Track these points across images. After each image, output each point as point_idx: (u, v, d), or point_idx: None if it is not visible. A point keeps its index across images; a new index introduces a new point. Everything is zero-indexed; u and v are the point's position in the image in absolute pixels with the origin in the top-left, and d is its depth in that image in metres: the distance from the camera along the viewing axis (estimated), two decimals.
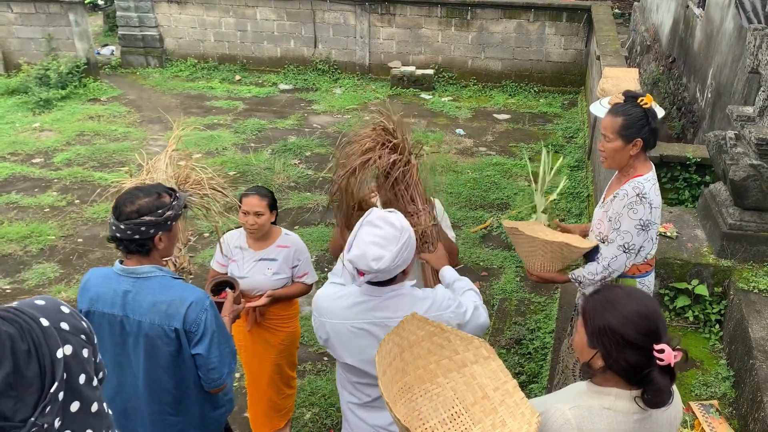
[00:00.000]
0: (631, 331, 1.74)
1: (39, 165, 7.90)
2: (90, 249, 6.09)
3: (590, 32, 10.08)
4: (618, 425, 1.79)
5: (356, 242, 2.14)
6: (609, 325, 1.77)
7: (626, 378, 1.78)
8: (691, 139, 6.96)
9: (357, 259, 2.12)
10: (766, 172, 3.77)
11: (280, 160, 7.90)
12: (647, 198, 2.86)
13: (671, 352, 1.70)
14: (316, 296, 2.37)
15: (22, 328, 1.56)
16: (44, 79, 9.85)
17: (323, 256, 5.99)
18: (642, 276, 3.06)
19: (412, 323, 1.98)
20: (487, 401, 1.88)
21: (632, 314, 1.76)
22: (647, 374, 1.72)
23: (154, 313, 2.36)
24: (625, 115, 2.88)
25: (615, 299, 1.81)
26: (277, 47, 11.39)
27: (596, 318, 1.81)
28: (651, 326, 1.74)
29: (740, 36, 5.80)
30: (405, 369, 1.94)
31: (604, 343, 1.78)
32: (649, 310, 1.77)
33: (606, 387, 1.82)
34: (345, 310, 2.26)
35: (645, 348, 1.72)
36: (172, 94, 10.49)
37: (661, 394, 1.73)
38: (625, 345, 1.74)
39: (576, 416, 1.78)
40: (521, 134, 9.03)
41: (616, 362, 1.77)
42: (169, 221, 2.34)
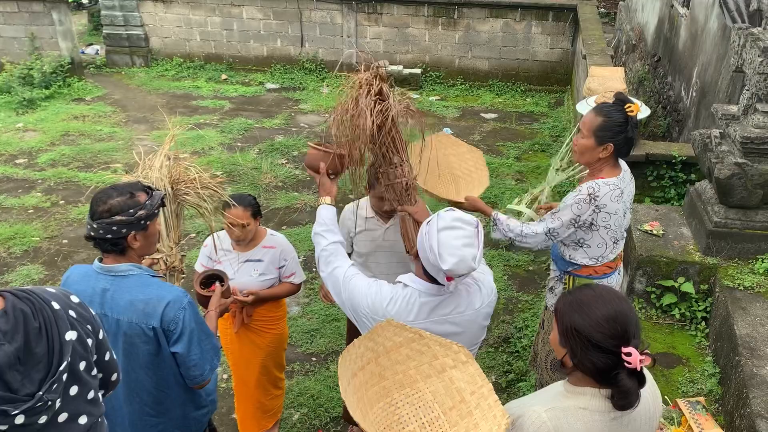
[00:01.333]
0: (596, 333, 1.75)
1: (23, 165, 7.81)
2: (75, 250, 6.03)
3: (576, 31, 10.13)
4: (594, 424, 1.80)
5: (446, 251, 2.09)
6: (575, 326, 1.79)
7: (594, 378, 1.80)
8: (676, 138, 7.01)
9: (457, 266, 2.09)
10: (750, 170, 3.80)
11: (267, 160, 7.87)
12: (597, 200, 2.87)
13: (638, 355, 1.71)
14: (362, 296, 2.31)
15: (35, 307, 1.63)
16: (28, 78, 9.74)
17: (311, 257, 5.96)
18: (600, 277, 3.08)
19: (387, 330, 2.01)
20: (464, 405, 1.91)
21: (599, 317, 1.77)
22: (615, 376, 1.73)
23: (132, 311, 2.34)
24: (606, 117, 2.87)
25: (585, 301, 1.82)
26: (264, 46, 11.34)
27: (565, 317, 1.83)
28: (618, 330, 1.75)
29: (724, 35, 5.85)
30: (382, 374, 1.97)
31: (571, 343, 1.80)
32: (618, 314, 1.77)
33: (581, 387, 1.83)
34: (414, 314, 2.23)
35: (612, 351, 1.73)
36: (157, 94, 10.42)
37: (627, 396, 1.73)
38: (591, 347, 1.76)
39: (552, 418, 1.79)
40: (508, 133, 9.05)
41: (582, 363, 1.79)
42: (142, 220, 2.32)
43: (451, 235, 2.11)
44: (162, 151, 2.82)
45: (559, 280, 3.23)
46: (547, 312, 3.34)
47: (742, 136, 3.79)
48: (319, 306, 5.17)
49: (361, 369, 1.98)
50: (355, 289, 2.34)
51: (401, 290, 2.27)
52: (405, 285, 2.29)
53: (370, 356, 2.00)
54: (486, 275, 2.43)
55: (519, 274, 5.68)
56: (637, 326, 1.80)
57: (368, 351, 2.01)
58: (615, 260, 3.09)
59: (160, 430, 2.56)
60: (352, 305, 2.34)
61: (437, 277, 2.17)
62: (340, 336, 4.81)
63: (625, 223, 3.08)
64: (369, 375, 1.97)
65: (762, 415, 2.97)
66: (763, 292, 3.78)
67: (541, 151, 8.38)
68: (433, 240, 2.12)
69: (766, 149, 3.78)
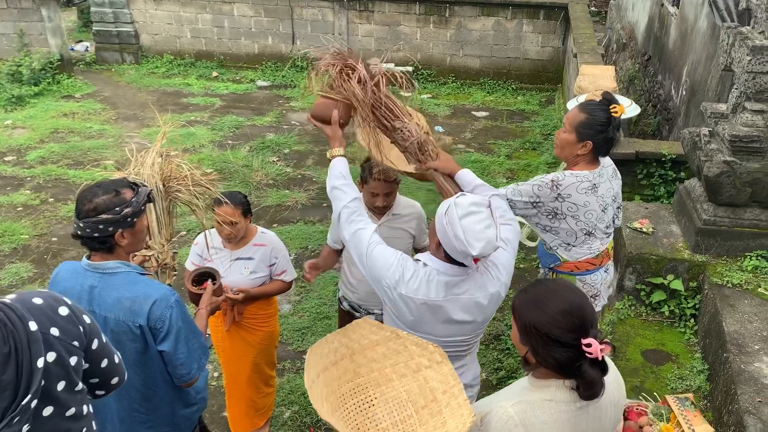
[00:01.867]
0: (555, 329, 1.77)
1: (11, 163, 7.76)
2: (64, 248, 6.00)
3: (567, 30, 10.16)
4: (561, 415, 1.83)
5: (472, 236, 2.13)
6: (534, 324, 1.81)
7: (559, 372, 1.82)
8: (666, 136, 7.05)
9: (485, 249, 2.15)
10: (739, 168, 3.83)
11: (258, 158, 7.85)
12: (560, 189, 2.89)
13: (598, 345, 1.74)
14: (386, 266, 2.32)
15: (6, 330, 1.53)
16: (16, 75, 9.66)
17: (302, 254, 5.96)
18: (582, 274, 3.10)
19: (364, 327, 2.05)
20: (435, 404, 1.95)
21: (556, 312, 1.79)
22: (578, 368, 1.76)
23: (119, 309, 2.33)
24: (589, 115, 2.90)
25: (541, 297, 1.84)
26: (255, 43, 11.30)
27: (523, 315, 1.85)
28: (576, 322, 1.77)
29: (714, 34, 5.88)
30: (357, 371, 2.00)
31: (531, 341, 1.83)
32: (573, 307, 1.80)
33: (546, 380, 1.86)
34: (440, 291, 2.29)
35: (572, 344, 1.76)
36: (148, 91, 10.37)
37: (592, 386, 1.77)
38: (551, 342, 1.78)
39: (519, 412, 1.81)
40: (499, 131, 9.07)
41: (544, 359, 1.81)
42: (129, 218, 2.30)
43: (473, 220, 2.15)
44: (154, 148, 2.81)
45: (544, 277, 3.26)
46: None
47: (731, 135, 3.81)
48: (311, 304, 5.17)
49: (335, 364, 2.00)
50: (379, 258, 2.34)
51: (422, 268, 2.31)
52: (425, 264, 2.33)
53: (344, 352, 2.03)
54: (503, 251, 2.42)
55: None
56: (594, 316, 1.83)
57: (343, 347, 2.04)
58: (598, 257, 3.09)
59: (150, 427, 2.55)
60: (374, 275, 2.35)
61: (465, 261, 2.22)
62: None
63: (607, 218, 3.07)
64: (343, 371, 2.00)
65: (750, 411, 3.00)
66: (751, 289, 3.81)
67: (532, 149, 8.40)
68: (457, 229, 2.15)
69: (755, 147, 3.81)
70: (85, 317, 1.81)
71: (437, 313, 2.31)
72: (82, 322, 1.77)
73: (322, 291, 5.36)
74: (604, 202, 3.02)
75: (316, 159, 8.03)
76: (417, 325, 2.34)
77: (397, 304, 2.32)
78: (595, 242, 3.06)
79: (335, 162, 2.56)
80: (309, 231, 6.33)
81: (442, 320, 2.33)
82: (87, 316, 1.82)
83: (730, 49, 3.93)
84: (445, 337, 2.37)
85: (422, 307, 2.29)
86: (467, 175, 2.69)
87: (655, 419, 3.10)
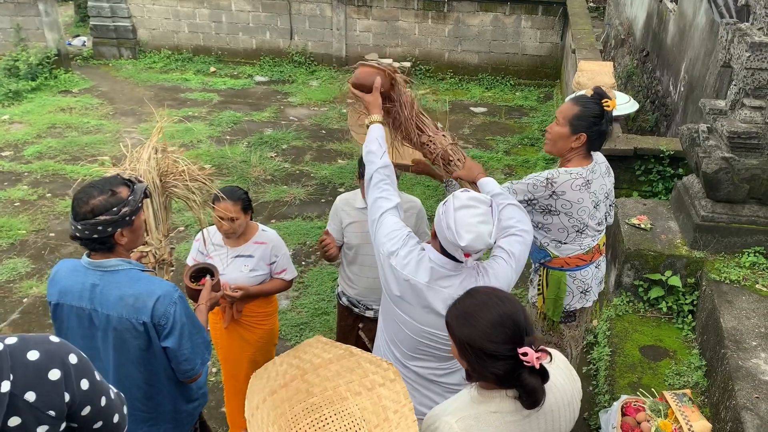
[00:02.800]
0: (488, 343, 1.73)
1: (8, 158, 7.73)
2: (62, 243, 5.98)
3: (566, 26, 10.15)
4: (507, 426, 1.78)
5: (462, 228, 2.18)
6: (467, 340, 1.77)
7: (499, 384, 1.78)
8: (664, 132, 7.05)
9: (474, 241, 2.18)
10: (737, 164, 3.83)
11: (257, 153, 7.84)
12: (555, 186, 2.90)
13: (534, 354, 1.69)
14: (386, 236, 2.39)
15: None
16: (13, 70, 9.62)
17: (300, 250, 5.96)
18: (573, 269, 3.10)
19: (316, 346, 2.06)
20: (387, 423, 1.91)
21: (487, 326, 1.75)
22: (517, 377, 1.72)
23: (122, 306, 2.32)
24: (583, 107, 2.91)
25: (470, 312, 1.80)
26: (253, 39, 11.27)
27: (456, 332, 1.81)
28: (508, 333, 1.73)
29: (712, 30, 5.88)
30: (310, 390, 1.97)
31: (467, 357, 1.79)
32: (504, 317, 1.75)
33: (490, 391, 1.81)
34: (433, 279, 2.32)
35: (508, 355, 1.72)
36: (145, 86, 10.33)
37: (533, 394, 1.72)
38: (486, 357, 1.74)
39: (463, 428, 1.77)
40: (498, 127, 9.07)
41: (482, 374, 1.77)
42: (126, 217, 2.29)
43: (467, 213, 2.20)
44: (150, 143, 2.80)
45: (535, 272, 3.26)
46: (528, 305, 3.37)
47: (729, 131, 3.81)
48: (309, 300, 5.17)
49: (284, 386, 1.99)
50: (385, 226, 2.40)
51: (419, 251, 2.36)
52: (423, 248, 2.38)
53: (294, 373, 2.02)
54: (506, 266, 2.41)
55: None
56: (528, 322, 1.78)
57: (292, 368, 2.04)
58: (588, 253, 3.10)
59: (152, 424, 2.55)
60: (376, 240, 2.42)
61: (455, 254, 2.25)
62: (330, 329, 4.81)
63: (598, 215, 3.07)
64: (294, 391, 1.97)
65: (747, 407, 3.01)
66: (748, 285, 3.82)
67: (530, 145, 8.40)
68: (450, 219, 2.21)
69: (753, 144, 3.81)
70: (84, 382, 1.66)
71: (419, 296, 2.33)
72: (73, 389, 1.62)
73: (320, 287, 5.36)
74: (597, 199, 3.03)
75: (314, 155, 8.02)
76: (400, 303, 2.39)
77: (386, 273, 2.38)
78: (586, 239, 3.07)
79: (373, 128, 2.65)
80: (307, 227, 6.33)
81: (422, 305, 2.34)
82: (87, 379, 1.68)
83: (729, 45, 3.93)
84: (425, 326, 2.38)
85: (405, 284, 2.33)
86: (488, 184, 2.71)
87: (652, 415, 3.11)
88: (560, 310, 3.17)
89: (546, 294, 3.16)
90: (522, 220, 2.52)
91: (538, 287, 3.22)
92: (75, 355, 1.67)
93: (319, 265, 5.73)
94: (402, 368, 2.51)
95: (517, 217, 2.53)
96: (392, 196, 2.48)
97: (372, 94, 2.67)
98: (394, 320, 2.48)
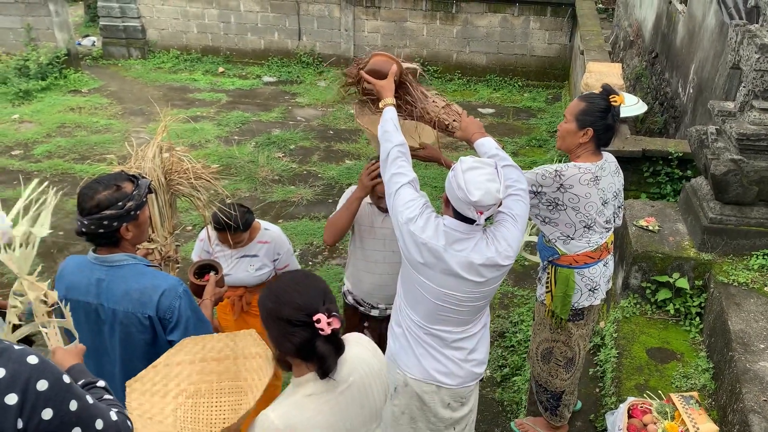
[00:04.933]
0: (285, 308, 1.80)
1: (18, 157, 7.79)
2: (71, 242, 6.02)
3: (574, 27, 10.12)
4: (323, 406, 1.84)
5: (472, 185, 2.32)
6: (269, 311, 1.84)
7: (299, 356, 1.84)
8: (673, 134, 7.02)
9: (484, 197, 2.32)
10: (746, 166, 3.81)
11: (264, 153, 7.86)
12: (563, 179, 2.92)
13: (326, 319, 1.76)
14: (403, 205, 2.49)
15: None
16: (24, 69, 9.70)
17: (307, 250, 5.97)
18: (581, 267, 3.10)
19: (248, 339, 2.15)
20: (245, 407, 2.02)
21: (284, 292, 1.83)
22: (313, 346, 1.79)
23: (128, 301, 2.34)
24: (588, 103, 2.96)
25: (274, 286, 1.89)
26: (261, 39, 11.31)
27: (261, 309, 1.88)
28: (305, 300, 1.80)
29: (722, 32, 5.85)
30: (238, 374, 2.10)
31: (271, 331, 1.85)
32: (301, 285, 1.84)
33: (302, 376, 1.87)
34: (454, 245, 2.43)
35: (303, 322, 1.78)
36: (154, 86, 10.39)
37: (324, 361, 1.80)
38: (285, 323, 1.80)
39: (280, 416, 1.81)
40: (505, 129, 9.06)
41: (283, 345, 1.83)
42: (131, 211, 2.31)
43: (475, 173, 2.35)
44: (155, 141, 2.82)
45: (543, 270, 3.27)
46: (537, 303, 3.37)
47: (738, 133, 3.79)
48: None
49: (217, 360, 2.10)
50: (403, 196, 2.51)
51: (436, 218, 2.49)
52: (437, 216, 2.50)
53: (228, 353, 2.13)
54: (512, 227, 2.52)
55: (515, 269, 5.69)
56: (326, 294, 1.85)
57: (227, 348, 2.14)
58: (597, 251, 3.10)
59: None
60: (394, 210, 2.52)
61: (468, 213, 2.37)
62: None
63: (607, 213, 3.08)
64: (225, 369, 2.10)
65: (755, 410, 2.99)
66: (757, 288, 3.80)
67: (539, 146, 8.39)
68: (460, 179, 2.35)
69: (762, 146, 3.79)
70: (47, 412, 1.52)
71: (438, 259, 2.43)
72: (29, 417, 1.50)
73: None
74: (605, 196, 3.04)
75: (322, 155, 8.04)
76: (421, 269, 2.48)
77: (406, 241, 2.48)
78: (594, 236, 3.07)
79: (387, 110, 2.75)
80: (314, 227, 6.34)
81: (441, 269, 2.45)
82: (56, 409, 1.54)
83: (739, 47, 3.91)
84: (445, 288, 2.49)
85: (424, 248, 2.43)
86: (484, 145, 2.78)
87: (659, 417, 3.10)
88: (568, 308, 3.16)
89: (554, 292, 3.17)
90: (519, 180, 2.65)
91: (546, 285, 3.22)
92: (48, 381, 1.53)
93: (326, 266, 5.74)
94: (422, 332, 2.62)
95: (515, 177, 2.65)
96: (408, 171, 2.58)
97: (387, 80, 2.80)
98: (414, 286, 2.57)
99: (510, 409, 4.20)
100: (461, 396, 2.74)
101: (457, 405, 2.75)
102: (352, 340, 2.03)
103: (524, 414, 3.94)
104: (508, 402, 4.25)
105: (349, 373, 1.90)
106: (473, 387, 2.78)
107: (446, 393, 2.69)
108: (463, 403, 2.77)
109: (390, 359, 2.72)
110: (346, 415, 1.89)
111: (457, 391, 2.71)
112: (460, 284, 2.47)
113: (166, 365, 2.08)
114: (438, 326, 2.60)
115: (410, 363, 2.67)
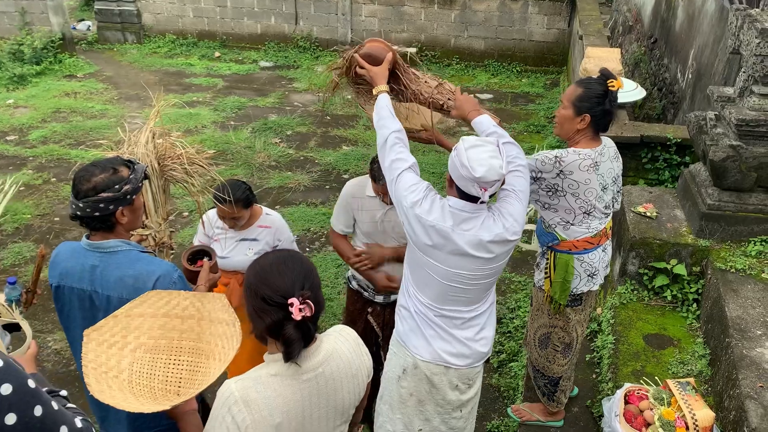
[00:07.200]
0: (264, 287, 1.82)
1: (13, 142, 7.74)
2: (67, 228, 6.00)
3: (573, 12, 10.05)
4: (286, 388, 1.85)
5: (475, 162, 2.35)
6: (249, 284, 1.86)
7: (270, 335, 1.85)
8: (671, 120, 6.99)
9: (488, 173, 2.34)
10: (745, 153, 3.80)
11: (261, 139, 7.82)
12: (563, 165, 2.91)
13: (298, 305, 1.76)
14: (407, 189, 2.50)
15: None
16: (18, 54, 9.62)
17: (304, 236, 5.95)
18: (580, 252, 3.10)
19: (216, 303, 2.11)
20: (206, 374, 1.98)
21: (266, 271, 1.84)
22: (281, 328, 1.80)
23: (122, 287, 2.33)
24: (585, 88, 2.93)
25: (260, 261, 1.90)
26: (258, 24, 11.22)
27: (245, 280, 1.90)
28: (284, 282, 1.81)
29: (722, 17, 5.81)
30: (201, 336, 2.06)
31: (251, 305, 1.87)
32: (283, 267, 1.85)
33: (275, 354, 1.88)
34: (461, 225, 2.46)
35: (278, 303, 1.79)
36: (150, 71, 10.31)
37: (290, 344, 1.80)
38: (262, 302, 1.82)
39: (240, 388, 1.82)
40: (504, 114, 9.02)
41: (257, 321, 1.85)
42: (128, 195, 2.30)
43: (477, 150, 2.38)
44: (147, 126, 2.79)
45: (542, 256, 3.26)
46: (535, 289, 3.36)
47: (737, 119, 3.77)
48: None
49: (180, 318, 2.07)
50: (405, 181, 2.52)
51: (439, 199, 2.51)
52: (441, 197, 2.52)
53: (193, 312, 2.09)
54: (516, 203, 2.56)
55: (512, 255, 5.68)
56: (307, 278, 1.85)
57: (193, 307, 2.10)
58: (596, 236, 3.09)
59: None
60: (398, 196, 2.53)
61: (472, 190, 2.39)
62: (333, 315, 4.82)
63: (606, 198, 3.07)
64: (188, 328, 2.07)
65: (751, 396, 3.00)
66: (754, 274, 3.79)
67: (536, 132, 8.36)
68: (462, 157, 2.38)
69: (762, 132, 3.77)
70: (10, 417, 1.45)
71: (447, 240, 2.45)
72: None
73: (324, 273, 5.36)
74: (605, 181, 3.03)
75: (319, 141, 8.00)
76: (430, 251, 2.50)
77: (413, 225, 2.49)
78: (594, 222, 3.06)
79: (381, 96, 2.76)
80: (311, 213, 6.32)
81: (450, 250, 2.47)
82: (19, 413, 1.47)
83: (739, 31, 3.88)
84: (454, 268, 2.50)
85: (432, 230, 2.45)
86: (481, 123, 2.80)
87: (656, 403, 3.10)
88: (567, 294, 3.16)
89: (553, 277, 3.16)
90: (519, 156, 2.67)
91: (545, 271, 3.21)
92: (12, 385, 1.46)
93: (323, 252, 5.72)
94: (432, 314, 2.63)
95: (514, 153, 2.67)
96: (407, 156, 2.59)
97: (381, 66, 2.80)
98: (422, 268, 2.57)
99: (507, 395, 4.21)
100: (469, 377, 2.76)
101: (464, 387, 2.76)
102: (335, 333, 2.03)
103: (521, 400, 3.94)
104: (504, 388, 4.26)
105: (319, 364, 1.90)
106: (479, 368, 2.81)
107: (454, 374, 2.71)
108: (470, 385, 2.79)
109: (399, 341, 2.75)
110: (307, 404, 1.89)
111: (465, 372, 2.73)
112: (469, 262, 2.49)
113: (127, 316, 2.03)
114: (448, 306, 2.62)
115: (419, 345, 2.68)
